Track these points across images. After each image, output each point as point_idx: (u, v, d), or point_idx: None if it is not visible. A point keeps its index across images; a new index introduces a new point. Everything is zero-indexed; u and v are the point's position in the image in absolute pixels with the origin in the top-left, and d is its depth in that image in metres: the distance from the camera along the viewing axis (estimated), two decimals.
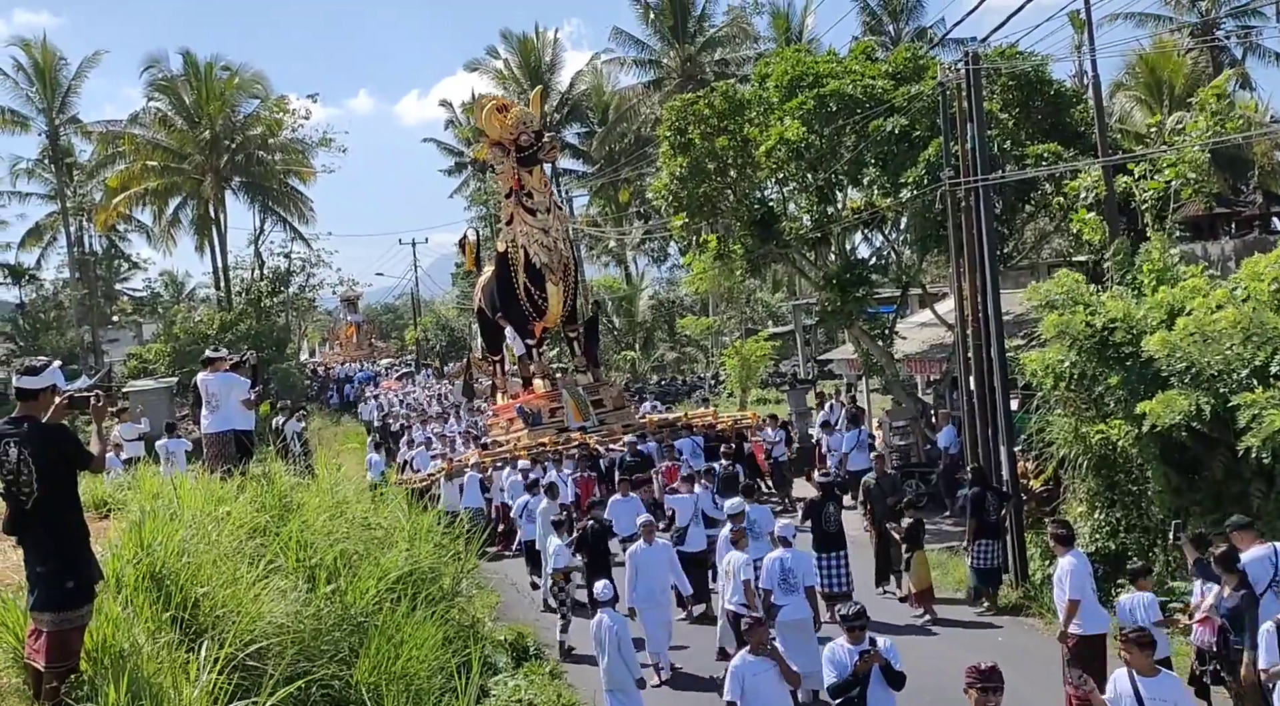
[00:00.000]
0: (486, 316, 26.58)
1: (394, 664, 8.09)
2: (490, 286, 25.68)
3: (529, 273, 23.80)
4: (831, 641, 8.47)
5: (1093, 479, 13.67)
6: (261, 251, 48.69)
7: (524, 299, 24.01)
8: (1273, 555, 9.12)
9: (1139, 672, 7.38)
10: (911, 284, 23.94)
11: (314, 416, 37.43)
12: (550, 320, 24.65)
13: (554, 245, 23.83)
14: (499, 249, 24.80)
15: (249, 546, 8.76)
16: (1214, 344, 10.51)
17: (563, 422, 22.83)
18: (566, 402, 23.11)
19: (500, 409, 25.87)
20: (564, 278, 24.19)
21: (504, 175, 24.52)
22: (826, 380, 36.33)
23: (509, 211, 24.22)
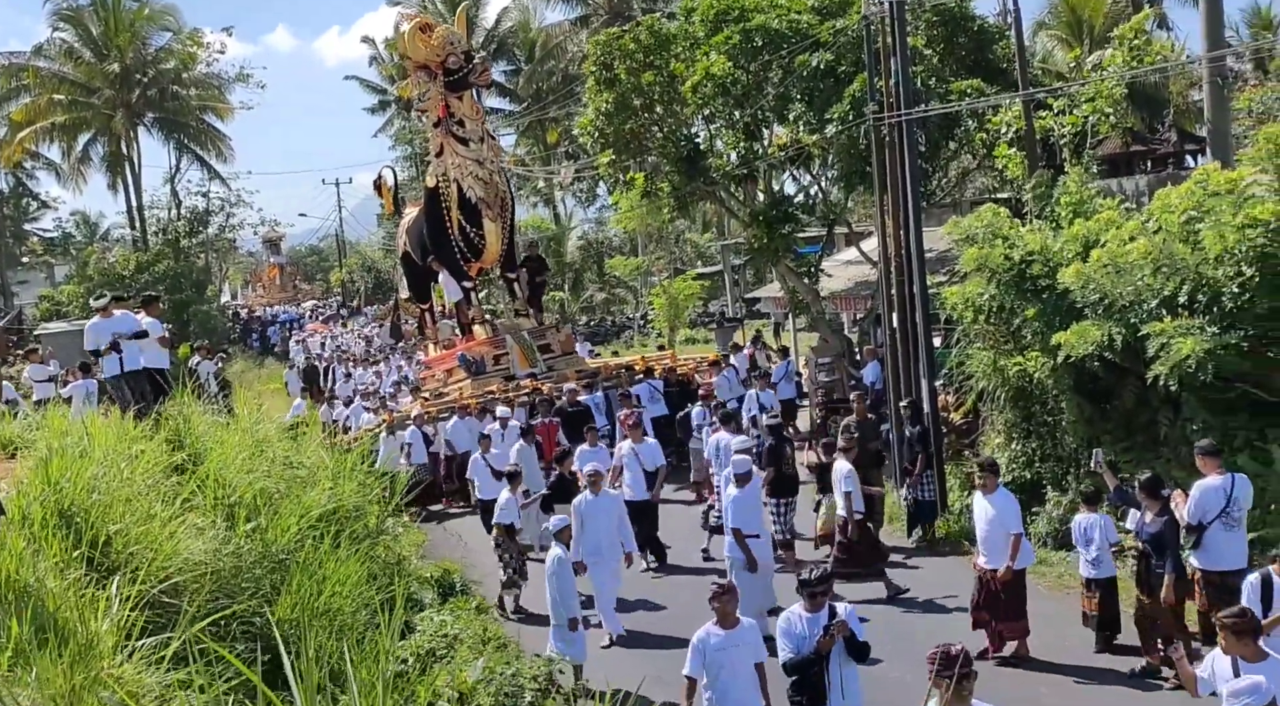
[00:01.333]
0: (413, 261, 24.55)
1: (316, 600, 8.03)
2: (417, 227, 23.77)
3: (463, 209, 21.76)
4: (787, 609, 7.64)
5: (1010, 410, 13.94)
6: (178, 190, 47.46)
7: (458, 238, 22.02)
8: (1228, 486, 9.08)
9: (1244, 658, 6.27)
10: (837, 222, 24.08)
11: (236, 359, 36.79)
12: (488, 260, 22.80)
13: (490, 178, 21.77)
14: (428, 184, 22.82)
15: (164, 485, 8.61)
16: (1126, 275, 10.71)
17: (508, 370, 21.39)
18: (512, 349, 21.66)
19: (434, 360, 24.32)
20: (501, 214, 22.15)
21: (431, 102, 22.11)
22: (754, 319, 36.58)
23: (438, 142, 22.14)
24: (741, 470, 11.30)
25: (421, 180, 44.48)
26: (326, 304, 58.40)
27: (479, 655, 9.55)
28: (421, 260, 23.62)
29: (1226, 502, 9.04)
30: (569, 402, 18.45)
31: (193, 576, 7.16)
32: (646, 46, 21.51)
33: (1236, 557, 9.11)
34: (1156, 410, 11.46)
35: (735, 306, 39.21)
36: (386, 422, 19.09)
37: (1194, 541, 9.23)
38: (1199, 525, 9.19)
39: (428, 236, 22.63)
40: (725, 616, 7.50)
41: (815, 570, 7.45)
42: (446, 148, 21.82)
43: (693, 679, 7.47)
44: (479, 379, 21.00)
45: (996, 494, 10.16)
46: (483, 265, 23.21)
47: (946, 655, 5.62)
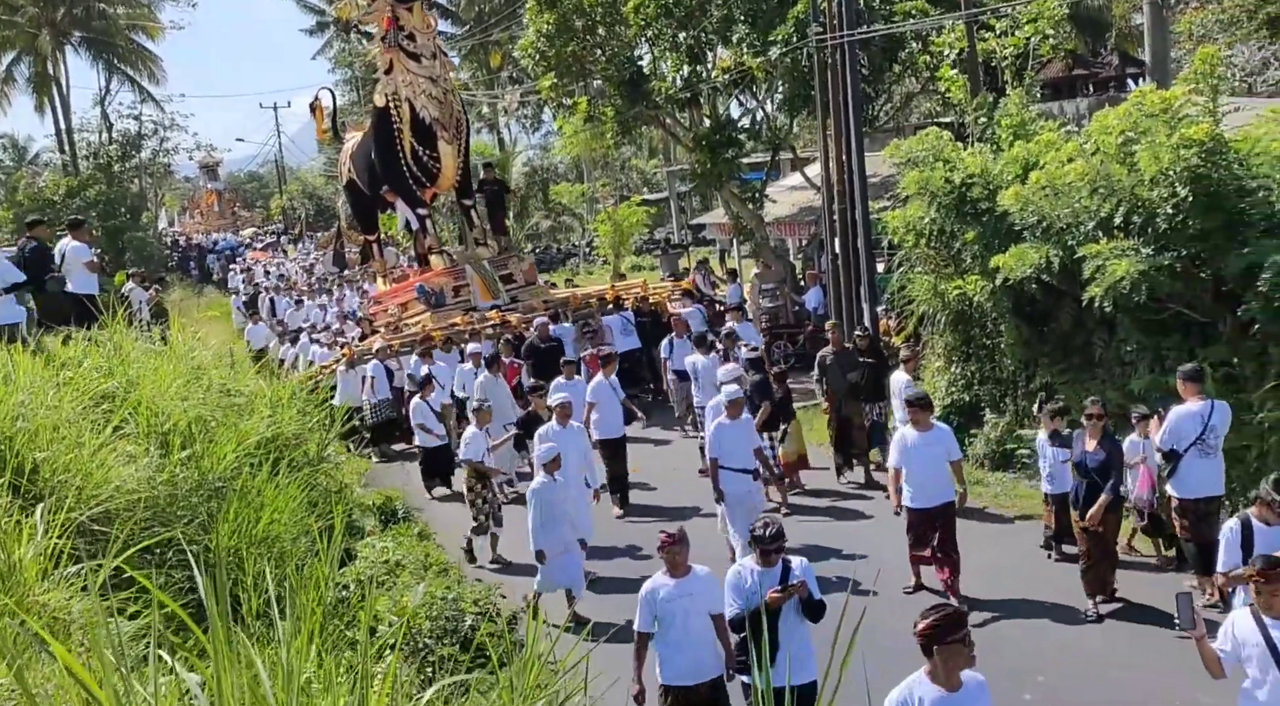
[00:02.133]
0: (359, 189, 22.81)
1: (255, 528, 7.96)
2: (363, 152, 22.05)
3: (416, 130, 20.09)
4: (738, 562, 7.29)
5: (950, 334, 14.06)
6: (109, 113, 46.11)
7: (411, 162, 20.35)
8: (1206, 412, 8.94)
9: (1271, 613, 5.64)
10: (782, 147, 23.98)
11: (174, 288, 36.11)
12: (443, 185, 21.17)
13: (444, 97, 20.13)
14: (376, 104, 20.95)
15: (94, 413, 8.44)
16: (1063, 197, 10.75)
17: (469, 302, 20.15)
18: (472, 280, 20.39)
19: (384, 294, 22.73)
20: (457, 135, 20.48)
21: (376, 14, 20.51)
22: (700, 246, 36.50)
23: (386, 59, 20.27)
24: (733, 397, 10.82)
25: (364, 104, 43.63)
26: (267, 231, 57.39)
27: (421, 580, 9.57)
28: (368, 188, 22.20)
29: (1203, 429, 8.92)
30: (540, 338, 17.25)
31: (125, 504, 7.05)
32: None
33: (1213, 485, 9.08)
34: (1092, 332, 11.60)
35: (681, 233, 39.08)
36: (346, 357, 18.06)
37: (1170, 470, 9.18)
38: (1173, 452, 9.10)
39: (377, 160, 21.03)
40: (675, 565, 7.01)
41: (773, 527, 6.84)
42: (396, 64, 20.09)
43: (643, 634, 6.96)
44: (438, 312, 19.92)
45: (933, 431, 9.60)
46: (438, 190, 21.76)
47: (950, 617, 4.90)
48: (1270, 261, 9.14)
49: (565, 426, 11.51)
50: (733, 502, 10.64)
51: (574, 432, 11.60)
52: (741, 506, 10.55)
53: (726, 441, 10.60)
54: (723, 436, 10.64)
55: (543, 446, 10.37)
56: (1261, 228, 9.62)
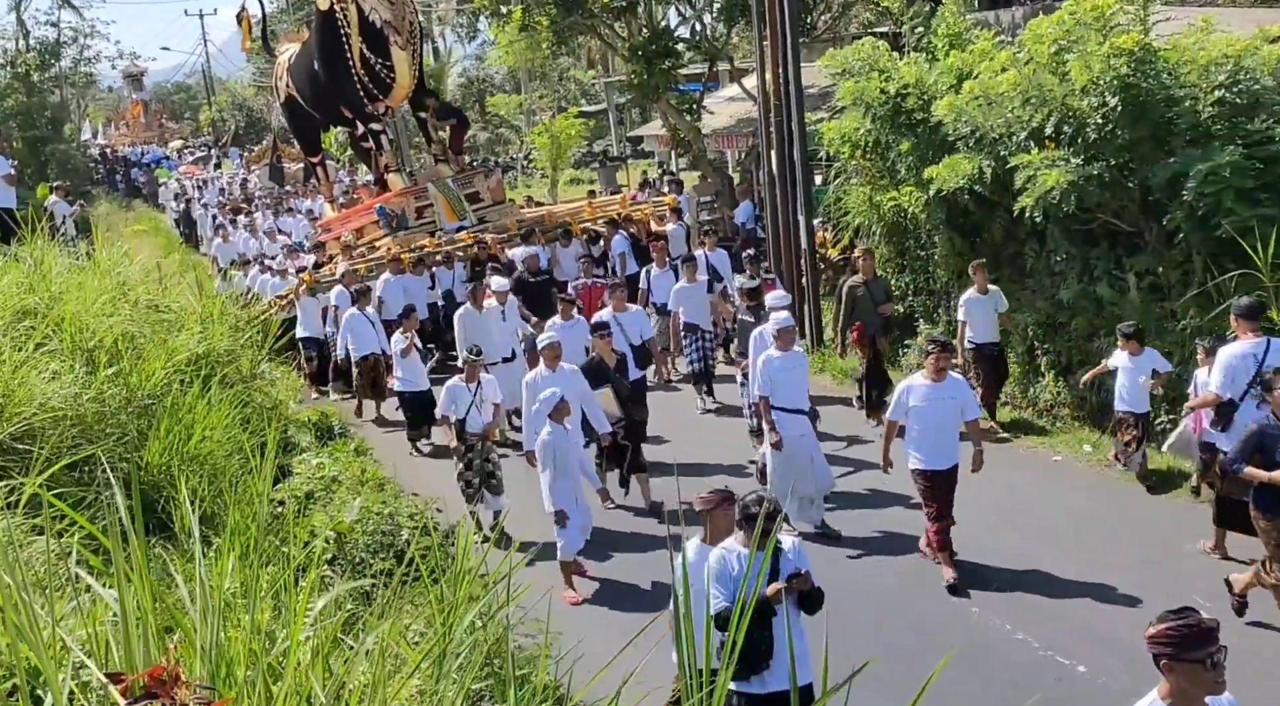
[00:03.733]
0: (298, 105, 20.83)
1: (186, 445, 7.88)
2: (303, 64, 20.05)
3: (366, 35, 18.07)
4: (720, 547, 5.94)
5: (885, 245, 14.16)
6: (25, 20, 44.27)
7: (362, 70, 18.42)
8: (1260, 351, 7.79)
9: None
10: (719, 58, 23.72)
11: (100, 201, 35.18)
12: (398, 96, 19.25)
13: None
14: (319, 6, 18.77)
15: (16, 329, 8.25)
16: (996, 107, 10.77)
17: (433, 224, 18.66)
18: (436, 200, 18.84)
19: (333, 220, 21.01)
20: (410, 40, 18.52)
21: None
22: (639, 159, 36.21)
23: None
24: (784, 325, 9.40)
25: (294, 14, 42.30)
26: (196, 144, 55.89)
27: (357, 496, 9.57)
28: (310, 103, 20.38)
29: (1259, 370, 7.71)
30: (529, 270, 15.24)
31: (49, 420, 6.94)
32: None
33: None
34: (1023, 242, 11.73)
35: (620, 146, 38.67)
36: (306, 283, 16.41)
37: (1223, 423, 8.07)
38: (1230, 403, 7.95)
39: (322, 69, 19.05)
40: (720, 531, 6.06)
41: (769, 504, 5.69)
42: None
43: None
44: (402, 235, 18.41)
45: (948, 381, 8.29)
46: (391, 104, 19.87)
47: (1196, 628, 3.74)
48: (1194, 170, 9.25)
49: (556, 370, 10.18)
50: (790, 453, 9.37)
51: (567, 376, 10.19)
52: (798, 456, 9.37)
53: (778, 376, 9.31)
54: (773, 370, 9.33)
55: (544, 394, 9.27)
56: (1188, 138, 9.72)
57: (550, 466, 9.13)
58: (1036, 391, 11.96)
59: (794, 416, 9.39)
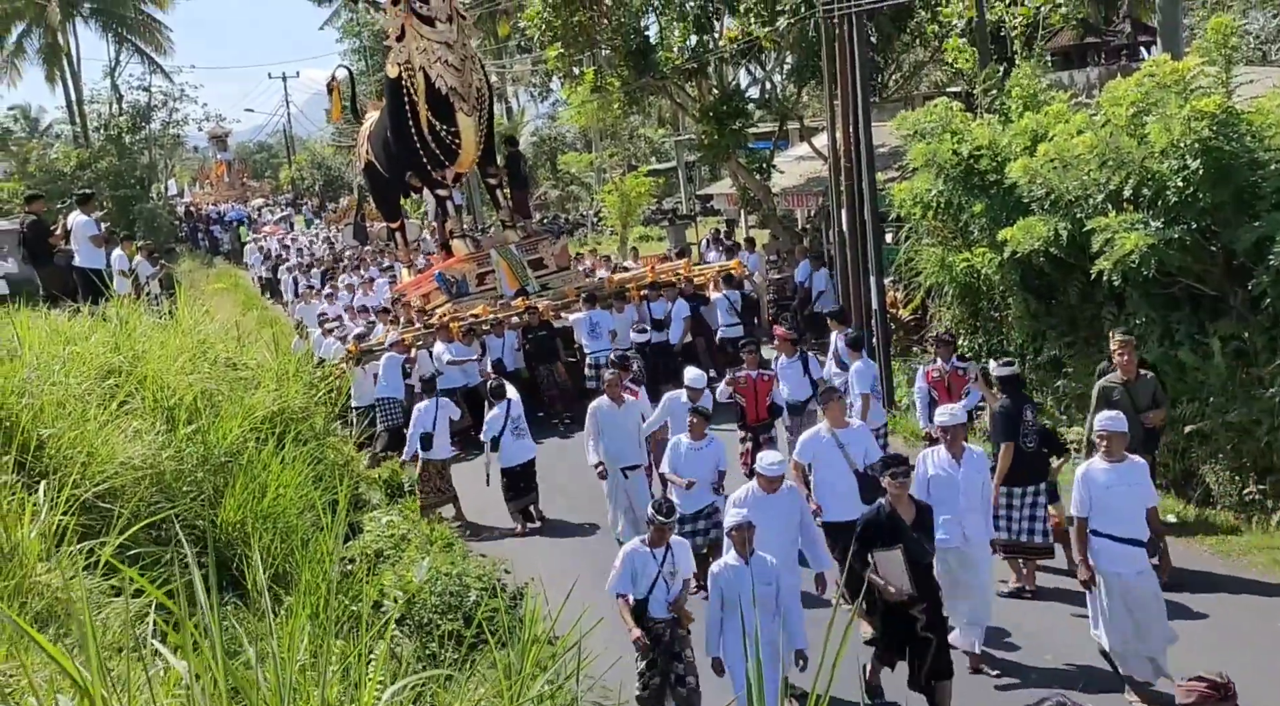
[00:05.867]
0: (378, 172, 20.86)
1: (260, 502, 7.98)
2: (381, 131, 20.11)
3: (432, 102, 18.09)
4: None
5: (957, 306, 14.01)
6: (119, 84, 46.08)
7: (428, 137, 18.47)
8: None
9: None
10: (789, 117, 23.82)
11: (184, 258, 36.14)
12: (464, 163, 19.12)
13: (462, 64, 18.03)
14: (389, 75, 18.97)
15: (100, 387, 8.45)
16: (1072, 169, 10.66)
17: (495, 291, 18.36)
18: (498, 266, 18.56)
19: (406, 286, 20.78)
20: (478, 107, 18.43)
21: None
22: (708, 216, 36.37)
23: (398, 23, 18.15)
24: (1116, 429, 7.51)
25: (373, 74, 43.40)
26: (276, 202, 57.33)
27: (426, 555, 9.61)
28: (386, 169, 20.42)
29: None
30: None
31: (130, 480, 7.07)
32: None
33: None
34: (1101, 305, 11.53)
35: (689, 203, 38.89)
36: (352, 353, 16.21)
37: None
38: None
39: (391, 135, 19.21)
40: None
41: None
42: (409, 29, 17.99)
43: None
44: (460, 301, 18.11)
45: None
46: (459, 170, 19.66)
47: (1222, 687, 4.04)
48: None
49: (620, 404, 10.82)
50: (1128, 596, 7.38)
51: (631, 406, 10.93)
52: (1140, 601, 7.38)
53: (1105, 494, 7.35)
54: (1097, 486, 7.38)
55: None
56: (1273, 200, 9.53)
57: (718, 603, 7.43)
58: None
59: (1127, 548, 7.32)
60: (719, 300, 17.16)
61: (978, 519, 8.01)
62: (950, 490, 7.83)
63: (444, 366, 15.56)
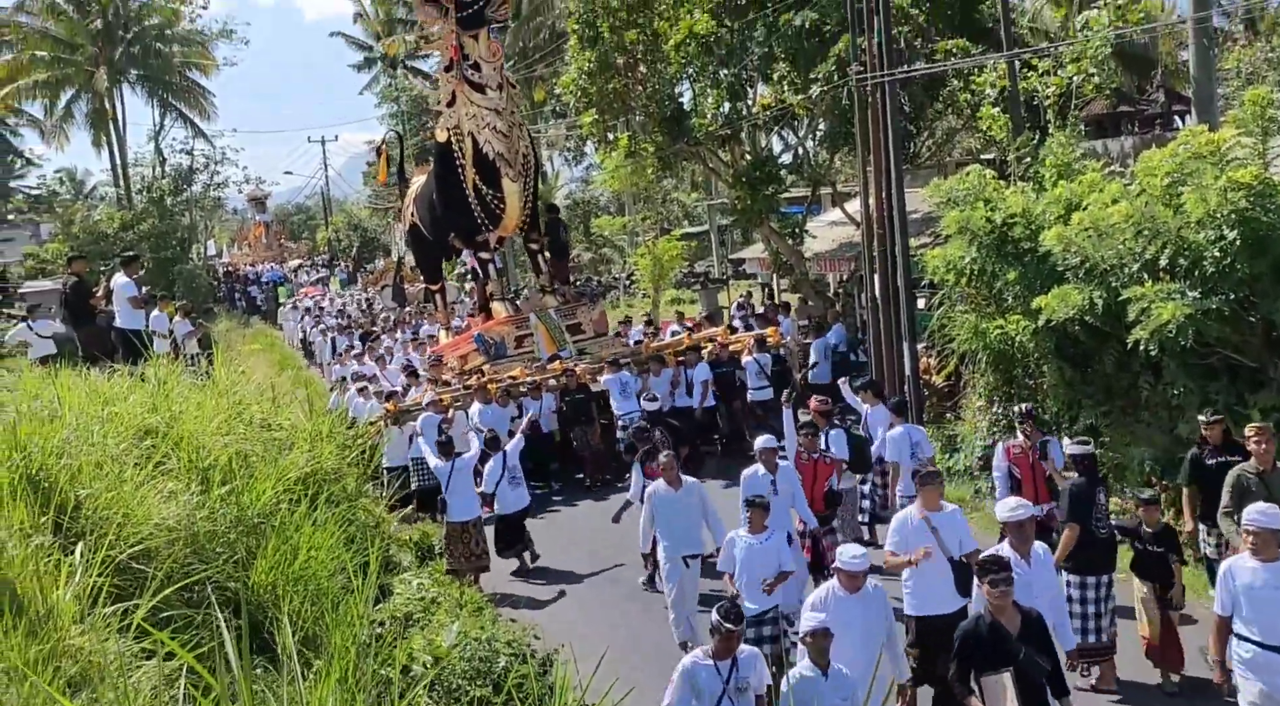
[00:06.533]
0: (422, 235, 21.33)
1: (292, 564, 7.99)
2: (426, 193, 20.57)
3: (479, 167, 18.52)
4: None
5: (991, 373, 13.92)
6: (162, 148, 47.09)
7: (474, 201, 18.88)
8: None
9: None
10: (822, 182, 23.97)
11: (221, 318, 36.56)
12: (508, 227, 19.43)
13: (509, 131, 18.47)
14: (438, 139, 19.46)
15: (138, 448, 8.54)
16: (1107, 238, 10.64)
17: (532, 353, 18.64)
18: (536, 329, 18.87)
19: (443, 348, 20.89)
20: (523, 172, 18.81)
21: (441, 43, 19.06)
22: (740, 280, 36.49)
23: (449, 90, 18.79)
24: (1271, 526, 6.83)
25: (414, 135, 44.07)
26: (313, 263, 58.05)
27: (455, 619, 9.56)
28: (430, 232, 20.84)
29: None
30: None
31: (164, 541, 7.11)
32: (630, 5, 21.28)
33: None
34: (1138, 375, 11.44)
35: (721, 267, 39.06)
36: (389, 412, 16.23)
37: None
38: None
39: (438, 199, 19.67)
40: None
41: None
42: (460, 96, 18.53)
43: None
44: (498, 363, 18.32)
45: None
46: (502, 234, 19.93)
47: None
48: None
49: (678, 488, 10.13)
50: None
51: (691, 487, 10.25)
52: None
53: (1255, 595, 6.76)
54: (1240, 584, 6.83)
55: None
56: None
57: None
58: None
59: (1273, 656, 6.73)
60: (749, 364, 17.18)
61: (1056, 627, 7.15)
62: (1022, 596, 6.76)
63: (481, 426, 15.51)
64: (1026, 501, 7.89)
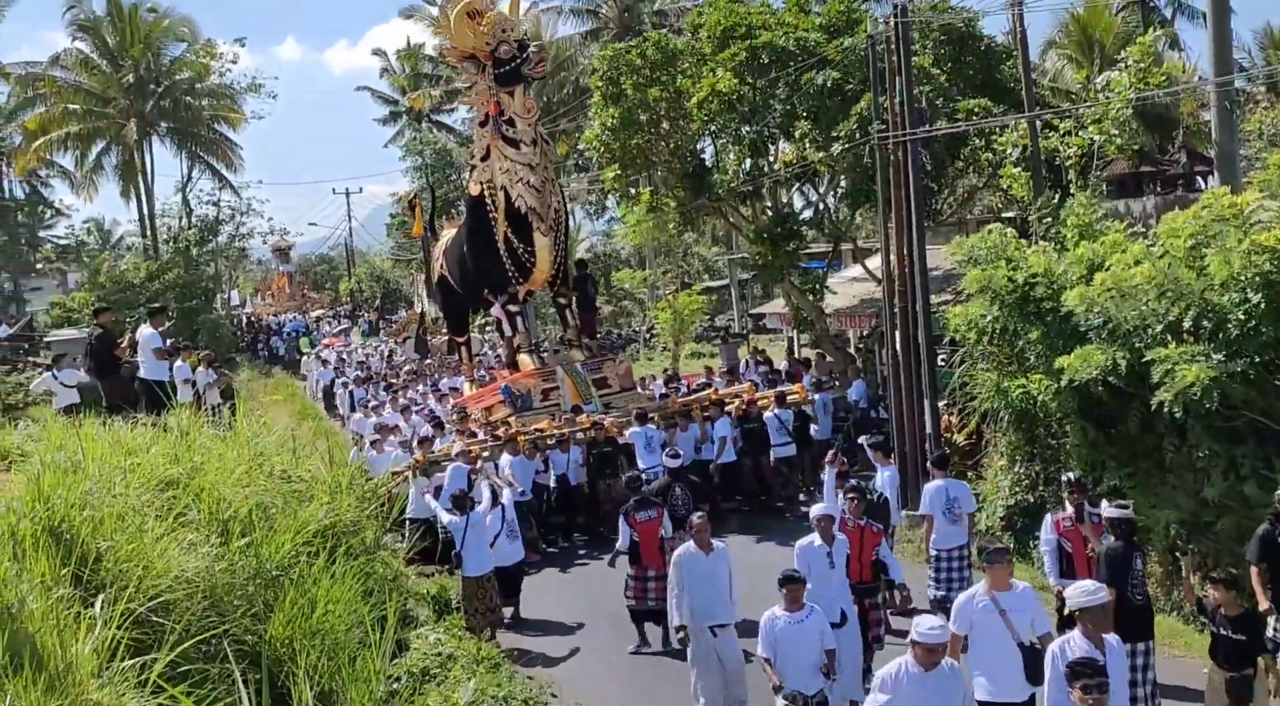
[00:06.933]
0: (450, 286, 21.72)
1: (309, 618, 7.97)
2: (455, 246, 20.86)
3: (511, 220, 18.79)
4: None
5: (1013, 432, 13.83)
6: (189, 199, 47.60)
7: (506, 254, 19.09)
8: None
9: None
10: (843, 239, 24.06)
11: (243, 368, 36.73)
12: (538, 281, 19.66)
13: (542, 186, 18.77)
14: (471, 192, 19.77)
15: (159, 499, 8.56)
16: (1130, 299, 10.61)
17: (558, 406, 18.67)
18: (563, 382, 18.93)
19: (467, 399, 20.98)
20: (555, 227, 19.16)
21: (478, 98, 19.37)
22: (761, 334, 36.51)
23: (484, 144, 19.16)
24: None
25: (442, 185, 44.42)
26: (335, 313, 58.37)
27: (472, 676, 9.49)
28: (459, 284, 21.16)
29: None
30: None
31: (183, 594, 7.11)
32: (653, 62, 21.53)
33: None
34: (1162, 436, 11.33)
35: (742, 321, 39.13)
36: (419, 463, 15.94)
37: None
38: None
39: (469, 251, 19.92)
40: None
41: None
42: (495, 150, 18.89)
43: None
44: (524, 415, 18.29)
45: None
46: (532, 287, 20.19)
47: None
48: None
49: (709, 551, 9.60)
50: None
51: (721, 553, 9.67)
52: None
53: None
54: None
55: None
56: None
57: None
58: (1179, 595, 11.33)
59: None
60: (770, 419, 17.13)
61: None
62: None
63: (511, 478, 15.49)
64: (1103, 584, 7.41)
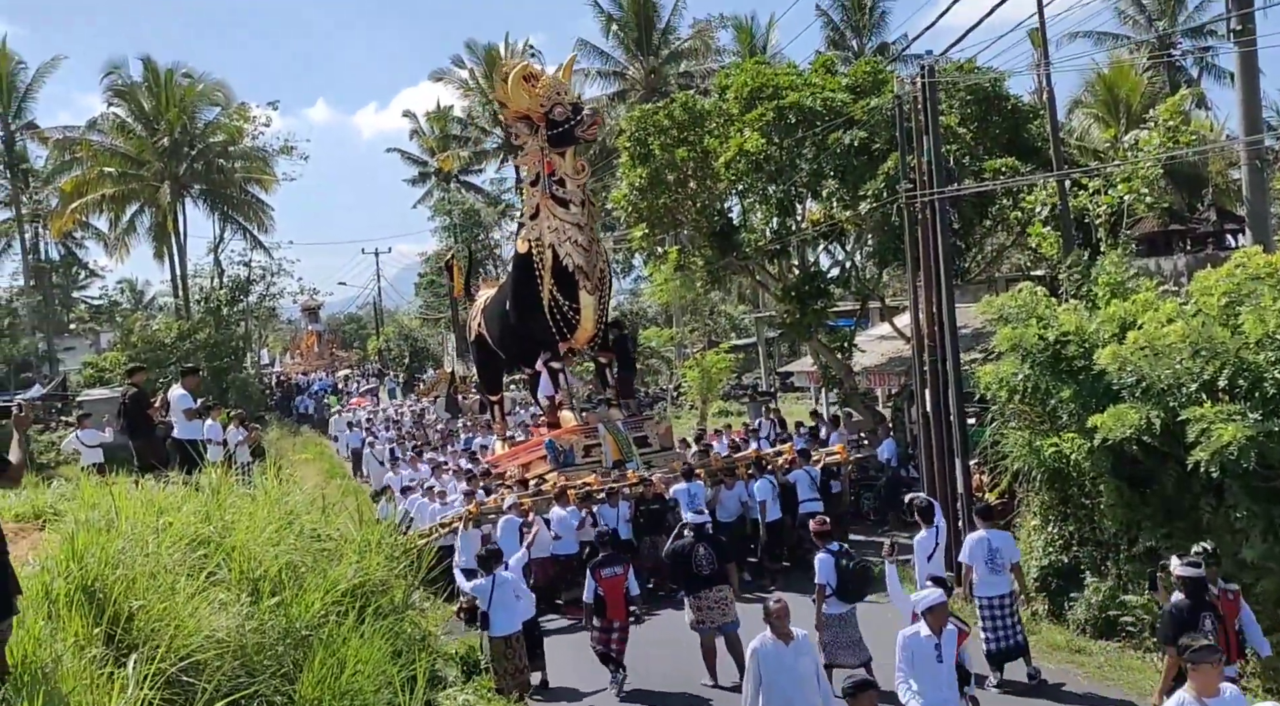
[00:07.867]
0: (487, 345, 22.10)
1: (338, 678, 7.93)
2: (495, 305, 21.29)
3: (558, 278, 19.04)
4: None
5: (1046, 492, 13.68)
6: (221, 260, 48.25)
7: (550, 311, 19.33)
8: None
9: None
10: (871, 297, 24.08)
11: (272, 427, 36.92)
12: (581, 339, 19.85)
13: (589, 246, 19.12)
14: (519, 249, 20.05)
15: (190, 558, 8.58)
16: (1164, 358, 10.54)
17: (599, 462, 18.80)
18: (604, 440, 19.13)
19: (500, 457, 21.28)
20: (599, 286, 19.48)
21: (530, 158, 19.62)
22: (788, 392, 36.45)
23: (533, 203, 19.43)
24: None
25: (473, 245, 44.73)
26: (363, 372, 58.68)
27: None
28: (497, 343, 21.56)
29: None
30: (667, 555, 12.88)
31: (214, 653, 7.10)
32: (681, 123, 21.78)
33: None
34: (1199, 496, 11.18)
35: (769, 379, 39.08)
36: (472, 514, 16.08)
37: None
38: None
39: (513, 308, 20.14)
40: None
41: None
42: (544, 209, 19.13)
43: None
44: (566, 470, 18.46)
45: None
46: (574, 345, 20.26)
47: None
48: None
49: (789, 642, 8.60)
50: None
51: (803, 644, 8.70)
52: None
53: None
54: None
55: None
56: None
57: None
58: None
59: None
60: (799, 476, 17.04)
61: None
62: None
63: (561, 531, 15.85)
64: None
